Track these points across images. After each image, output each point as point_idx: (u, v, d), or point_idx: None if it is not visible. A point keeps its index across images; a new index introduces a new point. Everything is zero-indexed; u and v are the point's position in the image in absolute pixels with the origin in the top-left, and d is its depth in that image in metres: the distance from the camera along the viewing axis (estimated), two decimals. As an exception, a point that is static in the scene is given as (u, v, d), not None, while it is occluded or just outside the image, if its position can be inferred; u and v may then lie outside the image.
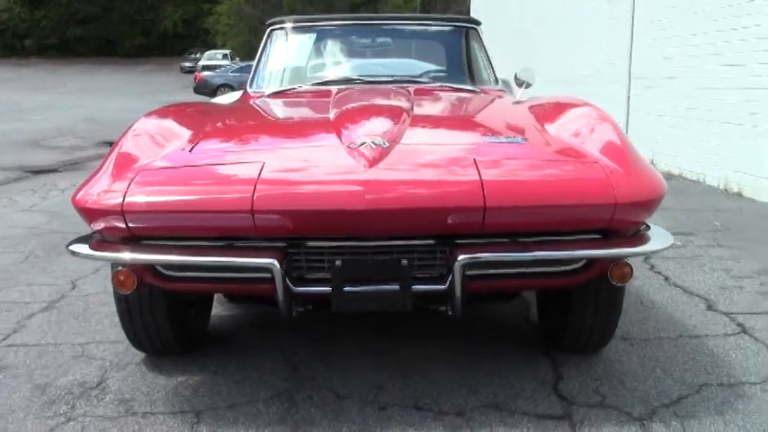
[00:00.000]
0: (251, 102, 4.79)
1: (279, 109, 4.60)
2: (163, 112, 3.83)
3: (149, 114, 3.72)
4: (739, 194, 8.83)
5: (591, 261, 3.10)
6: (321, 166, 3.11)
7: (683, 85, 10.49)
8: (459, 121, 4.28)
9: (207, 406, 3.26)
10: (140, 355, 3.81)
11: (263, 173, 2.93)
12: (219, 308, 4.49)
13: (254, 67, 5.39)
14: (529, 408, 3.22)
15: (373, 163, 2.95)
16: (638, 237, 3.10)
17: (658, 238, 3.13)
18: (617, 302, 3.51)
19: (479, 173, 2.91)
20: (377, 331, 4.15)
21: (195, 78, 34.06)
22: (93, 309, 4.62)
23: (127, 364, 3.73)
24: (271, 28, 5.55)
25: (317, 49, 5.49)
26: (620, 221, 2.96)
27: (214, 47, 54.76)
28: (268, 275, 2.94)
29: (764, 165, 8.46)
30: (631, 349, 3.87)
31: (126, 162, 3.15)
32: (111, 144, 3.67)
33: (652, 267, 5.48)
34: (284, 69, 5.35)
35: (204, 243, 3.01)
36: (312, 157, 3.26)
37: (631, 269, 3.13)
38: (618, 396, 3.32)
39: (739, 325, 4.22)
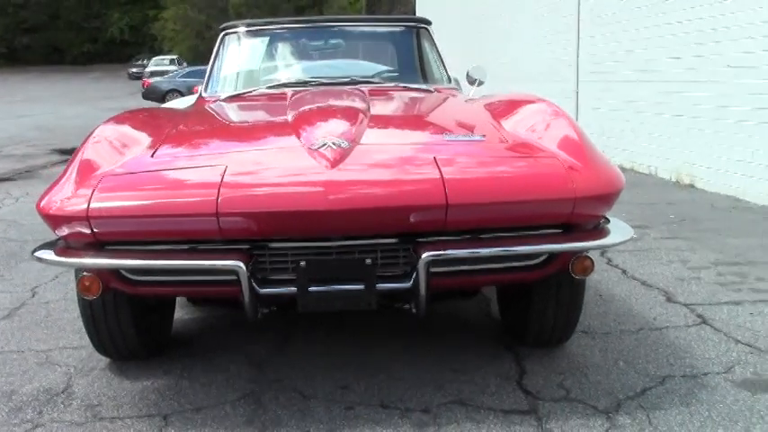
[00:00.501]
0: (206, 106, 4.78)
1: (236, 113, 4.60)
2: (121, 119, 3.81)
3: (108, 121, 3.70)
4: (691, 186, 8.97)
5: (553, 255, 3.15)
6: (283, 168, 3.12)
7: (632, 79, 10.63)
8: (417, 120, 4.31)
9: (174, 409, 3.26)
10: (105, 360, 3.79)
11: (226, 176, 2.93)
12: (181, 311, 4.49)
13: (208, 72, 5.36)
14: (494, 403, 3.25)
15: (335, 164, 2.97)
16: (599, 230, 3.16)
17: (618, 230, 3.18)
18: (578, 296, 3.57)
19: (440, 171, 2.94)
20: (340, 332, 4.17)
21: (143, 84, 33.79)
22: (54, 315, 4.58)
23: (92, 370, 3.71)
24: (224, 32, 5.53)
25: (271, 53, 5.50)
26: (580, 215, 3.01)
27: (161, 52, 54.34)
28: (233, 278, 2.95)
29: (715, 155, 8.61)
30: (593, 343, 3.92)
31: (88, 169, 3.14)
32: (63, 152, 3.65)
33: (609, 261, 5.55)
34: (238, 73, 5.35)
35: (170, 247, 3.00)
36: (274, 160, 3.27)
37: (592, 262, 3.19)
38: (582, 389, 3.36)
39: (699, 316, 4.30)
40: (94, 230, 2.91)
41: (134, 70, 52.35)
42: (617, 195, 3.10)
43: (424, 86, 5.01)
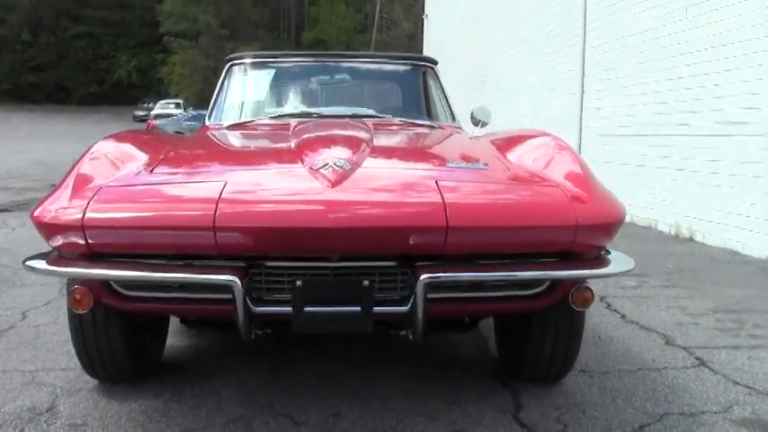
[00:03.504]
0: (209, 133, 4.77)
1: (237, 139, 4.59)
2: (121, 137, 3.78)
3: (107, 138, 3.67)
4: (691, 239, 8.94)
5: (553, 284, 3.10)
6: (283, 186, 3.09)
7: (632, 134, 10.66)
8: (420, 149, 4.29)
9: (161, 430, 3.18)
10: (93, 382, 3.71)
11: (225, 191, 2.89)
12: (174, 338, 4.42)
13: (212, 101, 5.36)
14: (490, 434, 3.19)
15: (336, 183, 2.93)
16: (600, 260, 3.11)
17: (619, 261, 3.14)
18: (577, 329, 3.51)
19: (441, 194, 2.90)
20: (335, 361, 4.10)
21: (148, 126, 33.82)
22: (43, 338, 4.51)
23: (78, 391, 3.63)
24: (231, 63, 5.54)
25: (276, 85, 5.49)
26: (581, 245, 2.97)
27: (167, 96, 54.60)
28: (228, 296, 2.89)
29: (714, 209, 8.59)
30: (591, 381, 3.85)
31: (85, 181, 3.09)
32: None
33: (609, 306, 5.50)
34: (243, 103, 5.34)
35: (164, 262, 2.95)
36: (274, 178, 3.24)
37: (592, 293, 3.14)
38: (579, 424, 3.30)
39: (698, 358, 4.24)
40: (89, 241, 2.86)
41: (139, 113, 52.41)
42: (618, 226, 3.07)
43: (427, 123, 5.00)
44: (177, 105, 46.82)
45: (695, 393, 3.69)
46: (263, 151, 4.22)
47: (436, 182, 3.02)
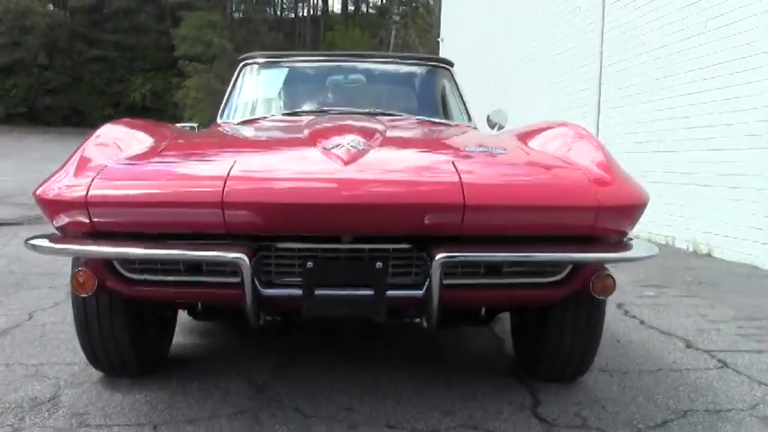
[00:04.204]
0: (219, 128, 4.69)
1: (249, 130, 4.49)
2: (128, 122, 3.69)
3: (115, 121, 3.60)
4: (709, 255, 8.78)
5: (573, 271, 2.99)
6: (295, 164, 3.00)
7: (649, 150, 10.52)
8: (435, 139, 4.19)
9: (165, 420, 3.07)
10: (97, 375, 3.61)
11: (234, 168, 2.80)
12: (182, 336, 4.32)
13: (224, 101, 5.30)
14: (508, 428, 3.06)
15: (349, 162, 2.84)
16: (623, 244, 2.99)
17: (642, 247, 3.02)
18: (597, 321, 3.38)
19: (458, 173, 2.80)
20: (346, 357, 4.00)
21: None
22: (49, 336, 4.41)
23: (82, 383, 3.53)
24: (243, 62, 5.47)
25: (289, 85, 5.40)
26: (602, 229, 2.85)
27: (182, 120, 54.53)
28: (236, 280, 2.79)
29: (732, 224, 8.43)
30: (611, 380, 3.72)
31: (90, 160, 3.01)
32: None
33: (626, 312, 5.37)
34: (255, 102, 5.26)
35: (170, 241, 2.84)
36: (285, 158, 3.16)
37: (614, 281, 3.02)
38: (600, 419, 3.17)
39: (720, 361, 4.10)
40: (93, 219, 2.77)
41: (153, 136, 52.46)
42: (641, 210, 2.95)
43: (444, 121, 4.91)
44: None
45: (719, 392, 3.55)
46: (275, 138, 4.12)
47: (453, 162, 2.93)
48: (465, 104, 5.33)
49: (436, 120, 4.88)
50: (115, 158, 3.04)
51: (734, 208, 8.43)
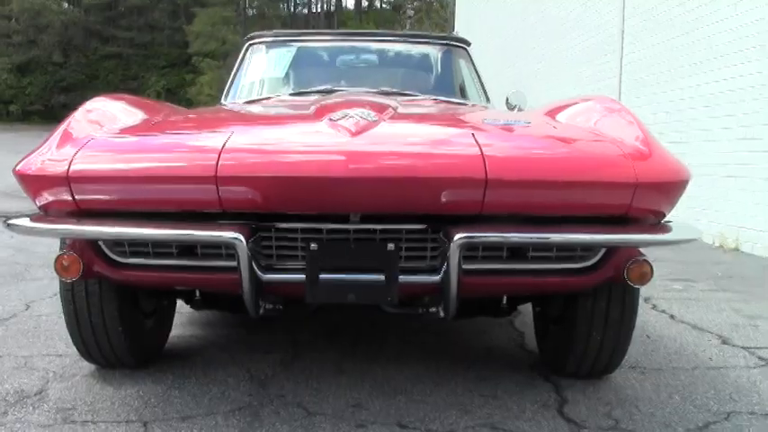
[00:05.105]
0: (221, 106, 4.44)
1: (252, 108, 4.22)
2: (122, 97, 3.42)
3: (108, 95, 3.33)
4: (736, 249, 8.45)
5: (606, 255, 2.70)
6: (298, 136, 2.73)
7: (673, 141, 10.18)
8: (452, 114, 3.89)
9: (157, 417, 2.80)
10: (89, 367, 3.36)
11: (230, 140, 2.53)
12: (182, 329, 4.07)
13: (229, 82, 5.03)
14: (532, 429, 2.78)
15: (358, 133, 2.57)
16: (662, 226, 2.70)
17: (683, 229, 2.72)
18: (630, 313, 3.09)
19: (479, 145, 2.51)
20: (354, 351, 3.73)
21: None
22: (44, 327, 4.16)
23: (72, 376, 3.27)
24: (249, 42, 5.19)
25: (297, 65, 5.09)
26: (639, 209, 2.57)
27: (196, 117, 54.50)
28: (232, 264, 2.53)
29: (762, 218, 8.10)
30: (643, 377, 3.44)
31: (75, 133, 2.74)
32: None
33: (654, 306, 5.08)
34: (262, 82, 4.97)
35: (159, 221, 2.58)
36: (287, 130, 2.88)
37: (651, 268, 2.74)
38: (634, 421, 2.88)
39: (761, 359, 3.80)
40: (75, 196, 2.52)
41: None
42: (682, 188, 2.66)
43: (460, 101, 4.62)
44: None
45: (764, 393, 3.26)
46: (278, 113, 3.84)
47: (473, 134, 2.65)
48: (483, 85, 5.05)
49: (452, 100, 4.59)
50: (102, 131, 2.78)
51: (763, 201, 8.09)
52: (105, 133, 2.75)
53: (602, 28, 12.67)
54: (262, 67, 5.06)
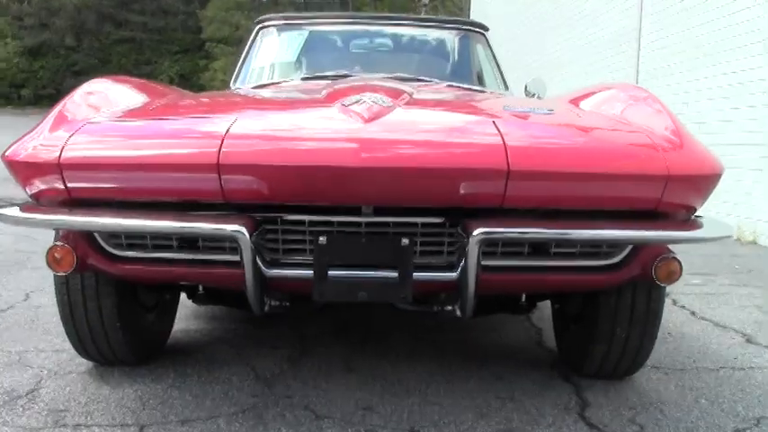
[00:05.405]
0: (228, 91, 4.27)
1: (262, 92, 4.04)
2: (124, 79, 3.26)
3: (109, 76, 3.17)
4: (754, 242, 8.26)
5: (633, 252, 2.54)
6: (307, 122, 2.56)
7: (692, 131, 9.94)
8: (470, 100, 3.71)
9: (155, 420, 2.65)
10: (86, 364, 3.21)
11: (234, 126, 2.36)
12: (187, 322, 3.92)
13: (238, 66, 4.86)
14: (552, 435, 2.62)
15: (371, 119, 2.40)
16: (693, 222, 2.53)
17: (715, 225, 2.55)
18: (656, 311, 2.92)
19: (501, 133, 2.34)
20: (365, 350, 3.56)
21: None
22: (42, 319, 4.01)
23: (68, 373, 3.12)
24: (260, 26, 5.01)
25: (309, 49, 4.91)
26: (669, 204, 2.40)
27: (210, 105, 54.43)
28: (236, 258, 2.37)
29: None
30: (666, 378, 3.27)
31: (70, 117, 2.58)
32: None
33: (675, 302, 4.89)
34: (271, 67, 4.79)
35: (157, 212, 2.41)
36: (295, 115, 2.71)
37: (680, 266, 2.57)
38: (660, 426, 2.71)
39: (790, 359, 3.63)
40: (68, 184, 2.36)
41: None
42: (715, 182, 2.50)
43: (477, 88, 4.44)
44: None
45: (795, 396, 3.09)
46: (287, 98, 3.67)
47: (494, 122, 2.47)
48: (501, 72, 4.87)
49: (470, 86, 4.41)
50: (99, 115, 2.62)
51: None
52: (102, 117, 2.59)
53: (619, 18, 12.43)
54: (272, 52, 4.89)
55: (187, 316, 3.99)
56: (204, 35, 57.48)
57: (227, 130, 2.31)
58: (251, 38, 4.98)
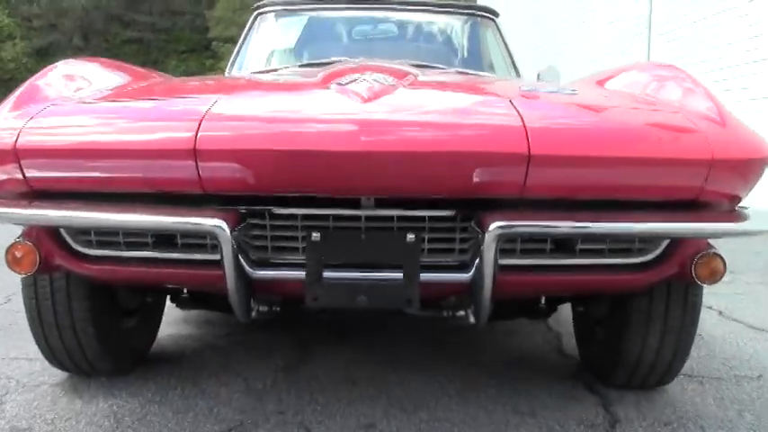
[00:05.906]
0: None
1: (258, 76, 3.74)
2: (99, 60, 2.95)
3: (82, 57, 2.87)
4: (777, 238, 7.92)
5: (670, 248, 2.22)
6: (298, 103, 2.26)
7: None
8: (482, 82, 3.40)
9: (128, 440, 2.35)
10: (61, 375, 2.92)
11: (215, 107, 2.06)
12: (176, 327, 3.62)
13: (234, 53, 4.58)
14: (578, 456, 2.30)
15: (371, 99, 2.09)
16: (737, 213, 2.21)
17: (762, 217, 2.23)
18: (693, 318, 2.61)
19: (519, 114, 2.03)
20: (366, 359, 3.25)
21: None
22: (21, 324, 3.66)
23: (38, 385, 2.83)
24: (258, 12, 4.72)
25: (309, 35, 4.62)
26: (713, 192, 2.09)
27: (215, 102, 54.68)
28: (215, 257, 2.07)
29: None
30: (702, 389, 2.95)
31: (33, 99, 2.28)
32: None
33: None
34: (269, 54, 4.50)
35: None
36: (286, 96, 2.41)
37: (724, 263, 2.26)
38: (701, 446, 2.40)
39: (833, 366, 3.31)
40: (26, 174, 2.06)
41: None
42: (763, 167, 2.18)
43: (487, 74, 4.14)
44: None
45: None
46: (279, 81, 3.35)
47: (511, 101, 2.16)
48: (512, 59, 4.56)
49: (480, 73, 4.10)
50: (64, 97, 2.32)
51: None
52: (67, 99, 2.29)
53: (630, 7, 12.16)
54: (270, 38, 4.60)
55: (176, 320, 3.70)
56: (211, 35, 57.39)
57: (207, 112, 2.01)
58: (248, 24, 4.69)
